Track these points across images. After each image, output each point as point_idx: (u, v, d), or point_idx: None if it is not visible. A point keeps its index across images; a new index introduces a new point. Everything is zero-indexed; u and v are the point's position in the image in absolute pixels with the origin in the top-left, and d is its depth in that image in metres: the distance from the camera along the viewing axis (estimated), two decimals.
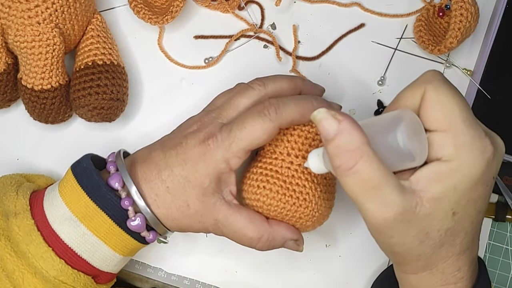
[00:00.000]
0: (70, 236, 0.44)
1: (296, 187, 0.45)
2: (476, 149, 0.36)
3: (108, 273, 0.47)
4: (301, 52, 0.59)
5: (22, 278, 0.44)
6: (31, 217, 0.44)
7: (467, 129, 0.36)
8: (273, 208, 0.45)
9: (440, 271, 0.40)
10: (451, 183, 0.36)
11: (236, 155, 0.43)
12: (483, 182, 0.37)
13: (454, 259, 0.40)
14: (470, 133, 0.36)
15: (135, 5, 0.55)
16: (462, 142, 0.36)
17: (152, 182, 0.44)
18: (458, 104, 0.37)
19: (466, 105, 0.37)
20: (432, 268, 0.40)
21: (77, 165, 0.46)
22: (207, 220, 0.45)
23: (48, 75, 0.50)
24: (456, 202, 0.37)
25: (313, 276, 0.56)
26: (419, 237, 0.38)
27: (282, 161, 0.46)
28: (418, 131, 0.37)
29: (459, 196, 0.37)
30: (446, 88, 0.37)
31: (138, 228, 0.44)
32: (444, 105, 0.37)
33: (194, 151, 0.44)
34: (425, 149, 0.37)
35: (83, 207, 0.44)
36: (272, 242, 0.45)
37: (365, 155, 0.35)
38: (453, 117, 0.36)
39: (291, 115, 0.44)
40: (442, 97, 0.37)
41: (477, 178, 0.37)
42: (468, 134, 0.36)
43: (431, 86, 0.37)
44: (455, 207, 0.37)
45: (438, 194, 0.36)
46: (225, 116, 0.46)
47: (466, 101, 0.38)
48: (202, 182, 0.44)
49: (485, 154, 0.37)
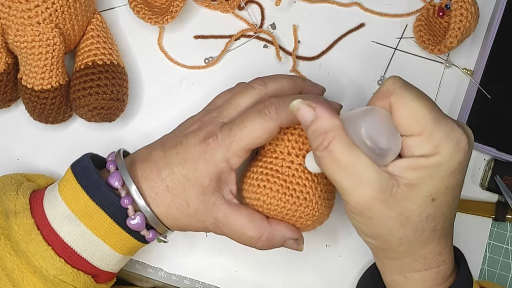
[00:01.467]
0: (70, 235, 0.44)
1: (296, 186, 0.45)
2: (452, 142, 0.38)
3: (108, 272, 0.47)
4: (301, 52, 0.59)
5: (21, 277, 0.44)
6: (31, 216, 0.44)
7: (439, 128, 0.38)
8: (273, 207, 0.45)
9: (422, 256, 0.41)
10: (427, 172, 0.38)
11: (236, 154, 0.43)
12: (460, 170, 0.39)
13: (435, 244, 0.41)
14: (443, 130, 0.38)
15: (135, 5, 0.55)
16: (438, 140, 0.38)
17: (152, 181, 0.44)
18: (425, 105, 0.38)
19: (433, 104, 0.39)
20: (414, 254, 0.41)
21: (77, 164, 0.46)
22: (207, 219, 0.45)
23: (48, 75, 0.50)
24: (434, 188, 0.39)
25: (313, 276, 0.56)
26: (400, 220, 0.39)
27: (283, 161, 0.46)
28: (385, 125, 0.39)
29: (437, 183, 0.39)
30: (409, 93, 0.39)
31: (137, 227, 0.44)
32: (412, 110, 0.38)
33: (194, 150, 0.44)
34: (396, 143, 0.39)
35: (83, 206, 0.44)
36: (272, 241, 0.45)
37: (337, 136, 0.38)
38: (424, 119, 0.38)
39: (291, 114, 0.44)
40: (408, 103, 0.38)
41: (455, 167, 0.39)
42: (442, 131, 0.38)
43: (394, 96, 0.39)
44: (434, 193, 0.39)
45: (414, 181, 0.38)
46: (225, 115, 0.46)
47: (431, 100, 0.39)
48: (202, 181, 0.44)
49: (461, 145, 0.38)
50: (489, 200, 0.57)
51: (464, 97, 0.58)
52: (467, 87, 0.58)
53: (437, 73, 0.59)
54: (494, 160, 0.56)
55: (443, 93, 0.58)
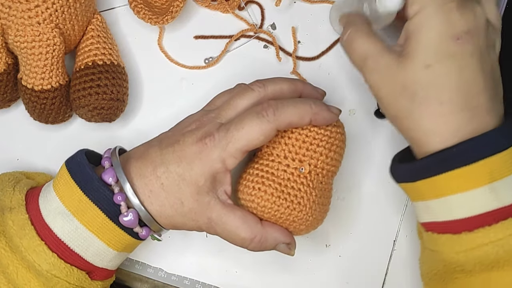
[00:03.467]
0: (63, 230, 0.44)
1: (291, 190, 0.45)
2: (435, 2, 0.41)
3: (103, 269, 0.47)
4: (301, 53, 0.59)
5: (16, 272, 0.44)
6: (25, 212, 0.44)
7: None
8: (267, 210, 0.45)
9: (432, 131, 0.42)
10: (415, 38, 0.41)
11: (232, 155, 0.43)
12: (451, 35, 0.41)
13: (447, 119, 0.41)
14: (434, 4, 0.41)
15: (135, 5, 0.55)
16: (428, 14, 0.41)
17: (147, 178, 0.44)
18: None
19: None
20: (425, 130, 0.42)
21: (71, 160, 0.46)
22: (201, 218, 0.45)
23: (48, 75, 0.50)
24: (425, 54, 0.41)
25: (313, 276, 0.56)
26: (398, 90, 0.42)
27: (279, 164, 0.46)
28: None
29: (427, 49, 0.41)
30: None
31: (130, 223, 0.44)
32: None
33: (190, 149, 0.44)
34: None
35: (76, 201, 0.44)
36: (264, 243, 0.46)
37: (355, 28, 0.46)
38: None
39: (289, 117, 0.44)
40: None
41: (441, 30, 0.41)
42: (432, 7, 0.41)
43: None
44: (427, 60, 0.41)
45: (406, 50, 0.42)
46: (224, 116, 0.46)
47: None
48: (197, 180, 0.44)
49: (444, 7, 0.40)
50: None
51: None
52: None
53: None
54: None
55: None
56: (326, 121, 0.46)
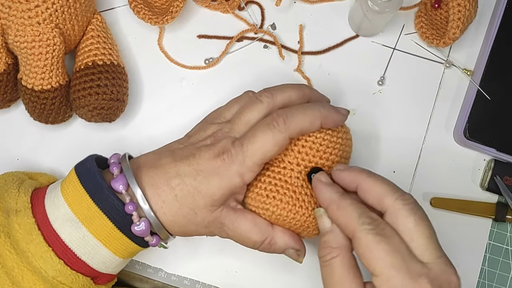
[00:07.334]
0: (71, 237, 0.44)
1: (305, 197, 0.45)
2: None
3: (107, 274, 0.47)
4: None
5: (21, 275, 0.44)
6: (32, 216, 0.44)
7: (396, 274, 0.38)
8: (282, 218, 0.45)
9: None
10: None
11: (250, 170, 0.44)
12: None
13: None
14: (400, 277, 0.38)
15: (135, 5, 0.55)
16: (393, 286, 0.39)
17: (160, 188, 0.44)
18: (385, 250, 0.39)
19: (395, 249, 0.39)
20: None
21: (81, 166, 0.46)
22: (213, 225, 0.45)
23: (48, 75, 0.50)
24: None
25: (313, 276, 0.56)
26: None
27: (291, 171, 0.46)
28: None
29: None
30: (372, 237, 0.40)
31: (142, 233, 0.44)
32: (371, 253, 0.40)
33: (208, 164, 0.44)
34: None
35: (85, 208, 0.44)
36: (274, 246, 0.46)
37: (342, 255, 0.41)
38: (382, 262, 0.39)
39: (300, 124, 0.44)
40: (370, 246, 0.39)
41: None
42: (398, 278, 0.38)
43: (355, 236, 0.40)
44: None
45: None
46: (236, 131, 0.46)
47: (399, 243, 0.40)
48: (214, 194, 0.44)
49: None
50: (489, 201, 0.57)
51: (464, 98, 0.58)
52: (467, 87, 0.58)
53: (437, 73, 0.58)
54: (494, 160, 0.56)
55: (443, 93, 0.58)
56: (336, 123, 0.46)
